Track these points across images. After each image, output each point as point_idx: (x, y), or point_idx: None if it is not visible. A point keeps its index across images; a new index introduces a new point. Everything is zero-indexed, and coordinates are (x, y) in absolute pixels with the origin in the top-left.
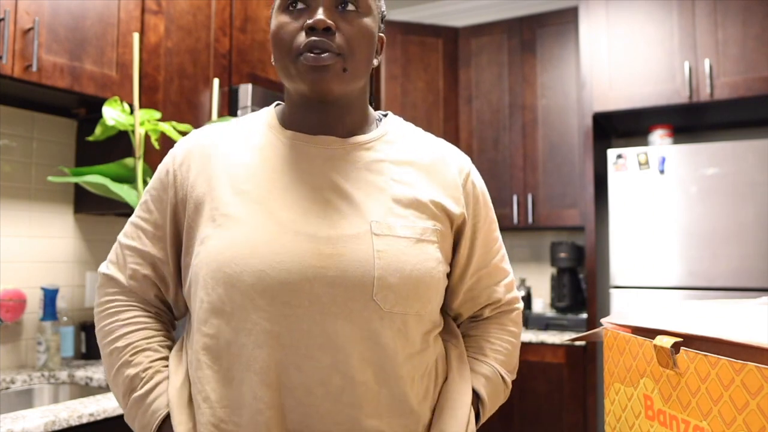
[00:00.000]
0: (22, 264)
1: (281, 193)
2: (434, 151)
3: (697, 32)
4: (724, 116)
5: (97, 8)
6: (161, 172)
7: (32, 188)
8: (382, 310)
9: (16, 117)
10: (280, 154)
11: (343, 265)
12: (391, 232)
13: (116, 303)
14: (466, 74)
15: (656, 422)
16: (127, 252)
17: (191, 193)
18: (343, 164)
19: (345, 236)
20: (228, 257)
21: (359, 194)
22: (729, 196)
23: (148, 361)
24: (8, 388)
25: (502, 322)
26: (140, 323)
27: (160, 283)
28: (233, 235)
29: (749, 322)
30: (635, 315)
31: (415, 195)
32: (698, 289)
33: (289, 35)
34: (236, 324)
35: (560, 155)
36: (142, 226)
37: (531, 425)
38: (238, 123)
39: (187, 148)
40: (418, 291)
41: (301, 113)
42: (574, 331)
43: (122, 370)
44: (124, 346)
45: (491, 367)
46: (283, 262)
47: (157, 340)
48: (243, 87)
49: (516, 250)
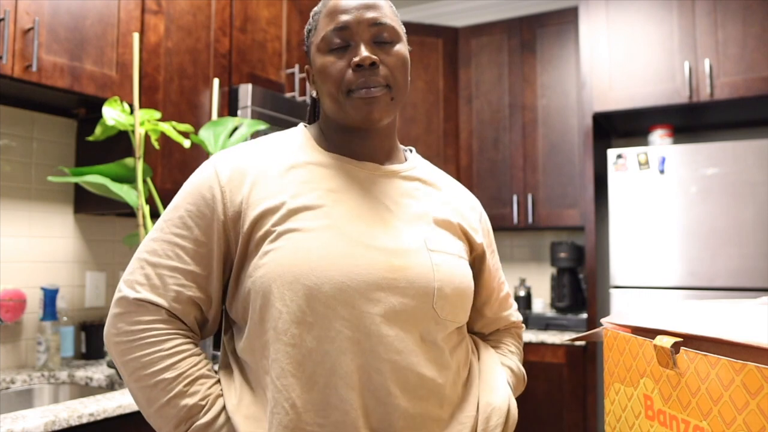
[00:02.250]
0: (22, 264)
1: (342, 208)
2: (454, 187)
3: (697, 32)
4: (724, 116)
5: (97, 8)
6: (201, 187)
7: (32, 188)
8: (439, 317)
9: (16, 117)
10: (332, 174)
11: (411, 276)
12: (442, 249)
13: (155, 332)
14: (466, 74)
15: (656, 422)
16: (166, 272)
17: (246, 208)
18: (389, 188)
19: (408, 250)
20: (306, 270)
21: (407, 215)
22: (729, 196)
23: (205, 388)
24: (8, 388)
25: (512, 334)
26: (185, 351)
27: (203, 303)
28: (308, 248)
29: (749, 322)
30: (635, 315)
31: (449, 218)
32: (698, 289)
33: (338, 73)
34: (318, 332)
35: (560, 155)
36: (180, 243)
37: (531, 425)
38: (277, 141)
39: (235, 164)
40: (463, 302)
41: (343, 138)
42: (574, 331)
43: (175, 402)
44: (175, 376)
45: (513, 361)
46: (361, 273)
47: (204, 364)
48: (243, 87)
49: (516, 250)
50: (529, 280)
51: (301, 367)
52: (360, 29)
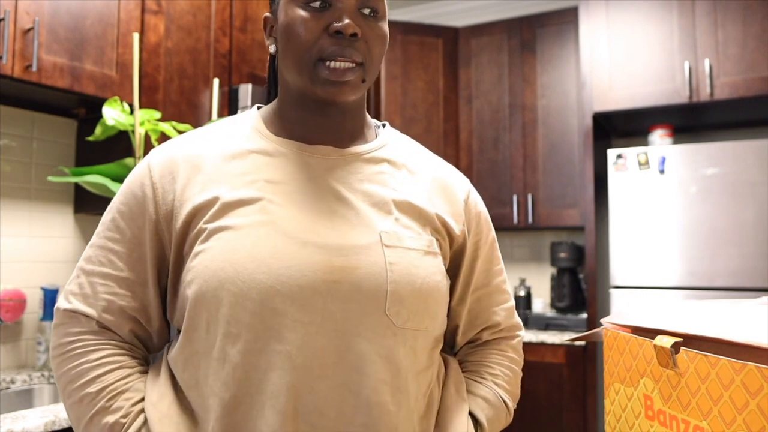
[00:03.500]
0: (22, 264)
1: (284, 202)
2: (435, 167)
3: (697, 32)
4: (724, 116)
5: (97, 8)
6: (133, 185)
7: (32, 188)
8: (395, 326)
9: (16, 117)
10: (277, 164)
11: (356, 278)
12: (401, 244)
13: (83, 342)
14: (466, 74)
15: (656, 422)
16: (97, 280)
17: (179, 206)
18: (345, 174)
19: (356, 247)
20: (231, 273)
21: (364, 204)
22: (729, 196)
23: (128, 404)
24: (8, 388)
25: (502, 349)
26: (114, 362)
27: (139, 314)
28: (234, 248)
29: (749, 322)
30: (635, 315)
31: (419, 207)
32: (698, 289)
33: (310, 35)
34: (243, 345)
35: (560, 155)
36: (112, 248)
37: (531, 425)
38: (222, 129)
39: (167, 157)
40: (428, 305)
41: (297, 116)
42: (574, 331)
43: (97, 419)
44: (98, 390)
45: (491, 389)
46: (293, 276)
47: (134, 377)
48: (243, 87)
49: (516, 250)
50: (529, 280)
51: (225, 386)
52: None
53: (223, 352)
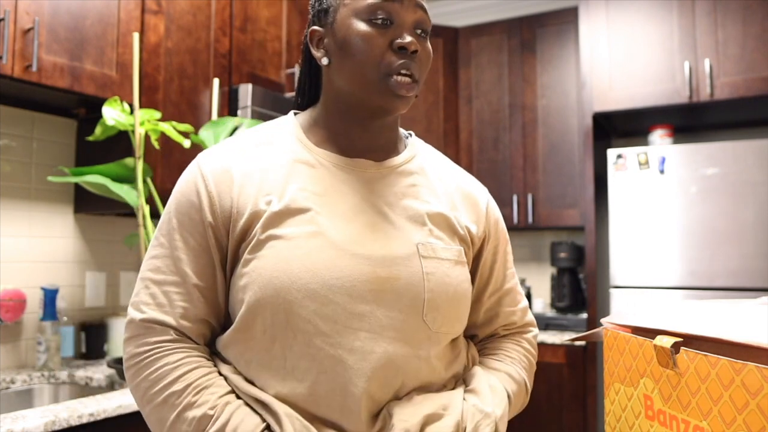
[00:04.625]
0: (22, 264)
1: (330, 214)
2: (458, 177)
3: (697, 32)
4: (724, 116)
5: (97, 8)
6: (189, 194)
7: (32, 188)
8: (430, 330)
9: (16, 117)
10: (320, 175)
11: (398, 288)
12: (436, 255)
13: (161, 349)
14: (466, 74)
15: (656, 422)
16: (171, 289)
17: (236, 212)
18: (381, 188)
19: (398, 258)
20: (286, 282)
21: (400, 218)
22: (729, 196)
23: (215, 398)
24: (8, 388)
25: (518, 340)
26: (193, 362)
27: (212, 317)
28: (288, 258)
29: (749, 322)
30: (635, 315)
31: (449, 219)
32: (698, 289)
33: (377, 49)
34: (299, 349)
35: (560, 155)
36: (179, 257)
37: (531, 425)
38: (263, 136)
39: (220, 164)
40: (459, 311)
41: (341, 129)
42: (574, 331)
43: (185, 415)
44: (183, 388)
45: (513, 367)
46: (343, 286)
47: (215, 374)
48: (243, 87)
49: (516, 250)
50: (529, 280)
51: (282, 385)
52: (408, 9)
53: (281, 355)
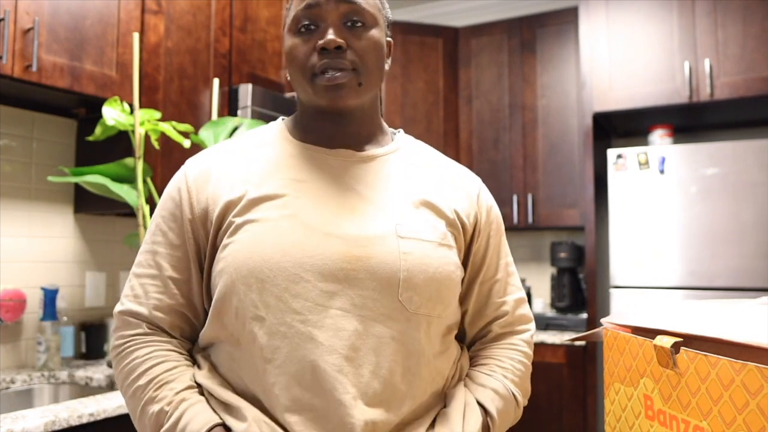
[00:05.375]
0: (22, 264)
1: (307, 198)
2: (448, 165)
3: (697, 32)
4: (724, 116)
5: (97, 8)
6: (172, 191)
7: (32, 188)
8: (408, 311)
9: (16, 117)
10: (301, 164)
11: (372, 267)
12: (416, 235)
13: (134, 341)
14: (466, 74)
15: (656, 422)
16: (147, 281)
17: (212, 204)
18: (364, 174)
19: (373, 237)
20: (258, 262)
21: (381, 200)
22: (729, 196)
23: (172, 393)
24: (8, 388)
25: (513, 343)
26: (160, 356)
27: (186, 309)
28: (261, 240)
29: (749, 322)
30: (635, 315)
31: (435, 201)
32: (698, 289)
33: (303, 56)
34: (270, 327)
35: (560, 155)
36: (158, 251)
37: (531, 425)
38: (250, 137)
39: (201, 163)
40: (440, 293)
41: (316, 125)
42: (574, 331)
43: (147, 409)
44: (146, 383)
45: (500, 382)
46: (315, 264)
47: (180, 369)
48: (243, 87)
49: (516, 250)
50: (529, 280)
51: (254, 364)
52: (329, 8)
53: (252, 333)
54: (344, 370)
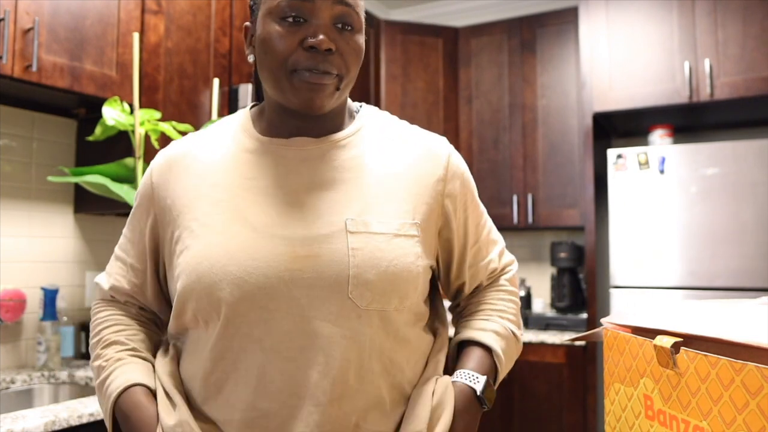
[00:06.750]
0: (22, 264)
1: (256, 198)
2: (413, 138)
3: (697, 32)
4: (724, 116)
5: (97, 8)
6: (143, 184)
7: (32, 188)
8: (359, 308)
9: (16, 117)
10: (255, 160)
11: (318, 266)
12: (367, 229)
13: (98, 306)
14: (466, 74)
15: (656, 422)
16: (115, 262)
17: (170, 206)
18: (319, 164)
19: (320, 236)
20: (206, 267)
21: (335, 193)
22: (729, 196)
23: (113, 352)
24: (8, 388)
25: (500, 284)
26: (112, 320)
27: (137, 294)
28: (210, 244)
29: (749, 322)
30: (635, 315)
31: (394, 189)
32: (698, 289)
33: (285, 49)
34: (219, 331)
35: (560, 155)
36: (128, 236)
37: (531, 425)
38: (215, 129)
39: (164, 161)
40: (395, 286)
41: (279, 119)
42: (574, 331)
43: (93, 364)
44: (96, 342)
45: (498, 323)
46: (259, 267)
47: (127, 333)
48: (243, 87)
49: (516, 250)
50: (529, 280)
51: (203, 364)
52: (323, 5)
53: (205, 336)
54: (290, 373)
